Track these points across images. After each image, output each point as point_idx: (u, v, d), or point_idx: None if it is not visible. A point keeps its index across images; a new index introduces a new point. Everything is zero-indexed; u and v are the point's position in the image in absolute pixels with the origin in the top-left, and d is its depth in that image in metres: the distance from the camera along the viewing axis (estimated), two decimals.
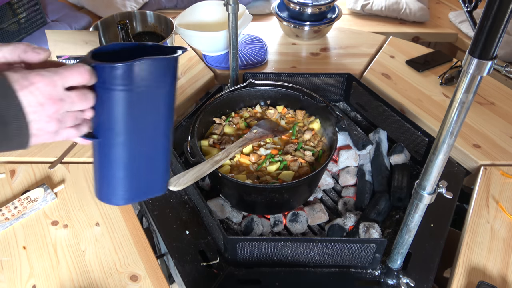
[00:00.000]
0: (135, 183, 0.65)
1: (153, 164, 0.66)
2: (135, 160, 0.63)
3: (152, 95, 0.59)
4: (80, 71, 0.53)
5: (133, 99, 0.57)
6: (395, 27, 2.11)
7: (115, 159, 0.62)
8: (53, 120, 0.52)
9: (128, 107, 0.58)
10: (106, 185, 0.64)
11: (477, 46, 0.52)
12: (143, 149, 0.63)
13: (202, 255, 0.96)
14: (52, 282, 0.89)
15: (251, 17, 1.55)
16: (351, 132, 1.20)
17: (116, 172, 0.62)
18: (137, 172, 0.64)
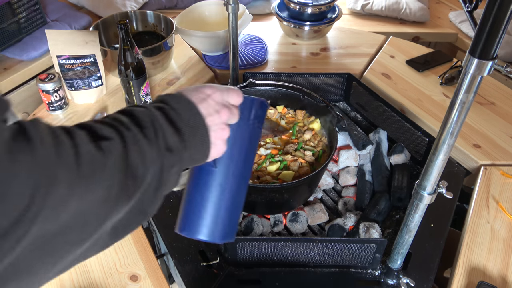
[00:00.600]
0: (230, 220, 0.65)
1: (241, 204, 0.67)
2: (237, 195, 0.65)
3: (257, 133, 0.65)
4: (238, 93, 0.59)
5: (253, 133, 0.64)
6: (395, 27, 2.11)
7: (224, 191, 0.62)
8: (225, 128, 0.57)
9: (249, 141, 0.64)
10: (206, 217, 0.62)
11: (478, 46, 0.52)
12: (242, 187, 0.66)
13: (202, 255, 0.96)
14: (52, 282, 0.89)
15: (251, 17, 1.55)
16: (351, 132, 1.20)
17: (221, 204, 0.62)
18: (236, 208, 0.65)
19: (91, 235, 0.40)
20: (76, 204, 0.37)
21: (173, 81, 1.44)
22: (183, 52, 1.58)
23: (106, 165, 0.40)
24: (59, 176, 0.35)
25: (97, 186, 0.39)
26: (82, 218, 0.38)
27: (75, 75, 1.28)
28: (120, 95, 1.36)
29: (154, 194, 0.48)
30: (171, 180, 0.51)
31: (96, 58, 1.28)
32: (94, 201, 0.39)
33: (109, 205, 0.41)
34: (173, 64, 1.52)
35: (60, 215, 0.36)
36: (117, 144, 0.43)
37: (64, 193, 0.36)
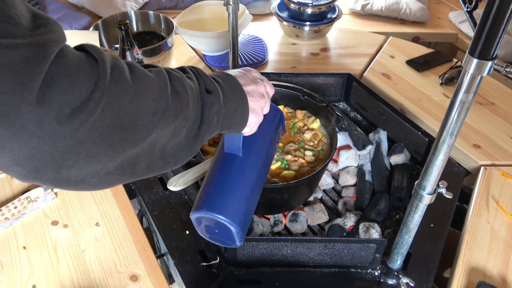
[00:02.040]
0: (248, 212, 0.69)
1: (256, 202, 0.71)
2: (256, 190, 0.71)
3: (276, 138, 0.78)
4: (271, 85, 0.71)
5: (274, 136, 0.76)
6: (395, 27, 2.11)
7: (248, 180, 0.68)
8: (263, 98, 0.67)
9: (270, 142, 0.74)
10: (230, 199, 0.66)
11: (477, 46, 0.52)
12: (261, 184, 0.72)
13: (202, 255, 0.96)
14: (52, 282, 0.89)
15: (251, 17, 1.55)
16: (351, 132, 1.20)
17: (244, 191, 0.67)
18: (253, 203, 0.71)
19: (143, 139, 0.46)
20: (129, 105, 0.44)
21: None
22: (183, 52, 1.58)
23: (154, 83, 0.47)
24: (115, 78, 0.43)
25: (147, 96, 0.46)
26: (134, 119, 0.44)
27: None
28: None
29: (197, 130, 0.54)
30: (212, 120, 0.57)
31: None
32: (144, 108, 0.46)
33: (157, 116, 0.47)
34: (173, 64, 1.52)
35: (116, 108, 0.42)
36: (163, 72, 0.51)
37: (119, 92, 0.43)
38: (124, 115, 0.43)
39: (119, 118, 0.43)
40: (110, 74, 0.42)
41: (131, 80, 0.44)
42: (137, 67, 0.47)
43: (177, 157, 0.53)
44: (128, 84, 0.44)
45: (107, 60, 0.43)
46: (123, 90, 0.43)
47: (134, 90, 0.44)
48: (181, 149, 0.53)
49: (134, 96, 0.44)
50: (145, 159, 0.49)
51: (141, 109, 0.45)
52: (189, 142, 0.54)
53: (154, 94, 0.47)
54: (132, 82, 0.44)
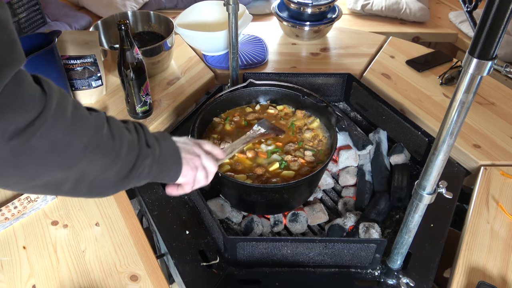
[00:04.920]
0: None
1: None
2: None
3: None
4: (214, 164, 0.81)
5: None
6: (395, 27, 2.11)
7: None
8: (198, 160, 0.77)
9: None
10: None
11: (477, 46, 0.52)
12: None
13: (202, 255, 0.96)
14: (52, 282, 0.89)
15: (251, 17, 1.55)
16: (351, 132, 1.20)
17: None
18: None
19: (71, 166, 0.54)
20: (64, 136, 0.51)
21: (173, 81, 1.44)
22: (183, 52, 1.58)
23: (90, 123, 0.56)
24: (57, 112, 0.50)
25: (81, 132, 0.54)
26: (66, 147, 0.52)
27: (75, 75, 1.28)
28: (120, 95, 1.36)
29: (127, 173, 0.61)
30: (143, 170, 0.64)
31: (96, 58, 1.28)
32: (77, 141, 0.53)
33: (87, 150, 0.54)
34: (173, 64, 1.52)
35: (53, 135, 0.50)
36: (102, 117, 0.59)
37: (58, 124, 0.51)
38: (58, 142, 0.51)
39: (54, 144, 0.50)
40: (54, 109, 0.50)
41: (71, 117, 0.52)
42: (80, 108, 0.55)
43: (102, 190, 0.61)
44: (67, 119, 0.52)
45: (54, 96, 0.50)
46: (61, 123, 0.51)
47: (70, 125, 0.52)
48: (109, 185, 0.61)
49: (70, 130, 0.52)
50: (70, 184, 0.56)
51: (74, 141, 0.53)
52: (117, 181, 0.61)
53: (89, 132, 0.55)
54: (71, 118, 0.52)
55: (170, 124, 1.32)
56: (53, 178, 0.54)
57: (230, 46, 1.25)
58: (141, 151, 0.63)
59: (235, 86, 1.19)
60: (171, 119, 1.33)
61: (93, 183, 0.58)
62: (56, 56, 1.16)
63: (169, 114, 1.31)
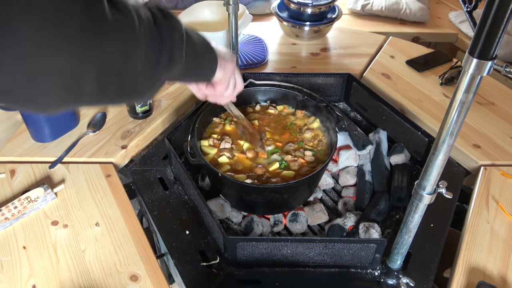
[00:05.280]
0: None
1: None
2: None
3: None
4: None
5: None
6: (395, 27, 2.12)
7: None
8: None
9: None
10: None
11: (477, 46, 0.52)
12: None
13: (202, 255, 0.96)
14: (52, 282, 0.89)
15: (251, 17, 1.55)
16: (351, 132, 1.20)
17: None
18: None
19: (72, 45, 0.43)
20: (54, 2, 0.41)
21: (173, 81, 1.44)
22: None
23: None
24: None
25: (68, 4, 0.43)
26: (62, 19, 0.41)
27: None
28: None
29: (156, 58, 0.51)
30: (174, 49, 0.54)
31: None
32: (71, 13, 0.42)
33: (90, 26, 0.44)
34: None
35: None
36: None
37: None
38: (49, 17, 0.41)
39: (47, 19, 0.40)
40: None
41: None
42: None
43: (135, 86, 0.50)
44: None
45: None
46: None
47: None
48: (139, 77, 0.50)
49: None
50: (92, 79, 0.45)
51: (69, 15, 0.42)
52: (146, 71, 0.51)
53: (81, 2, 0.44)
54: None
55: (170, 124, 1.32)
56: (63, 67, 0.43)
57: (230, 46, 1.25)
58: (163, 24, 0.52)
59: None
60: (171, 119, 1.33)
61: (120, 74, 0.48)
62: None
63: (169, 114, 1.31)
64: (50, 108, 0.47)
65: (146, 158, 1.18)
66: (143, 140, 1.24)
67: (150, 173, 1.14)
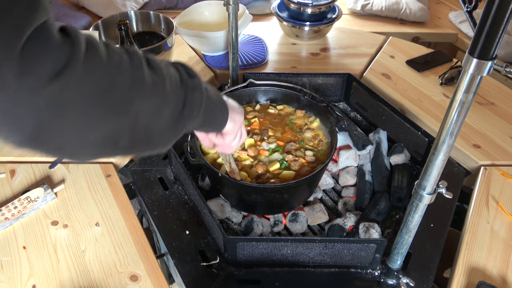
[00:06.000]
0: None
1: None
2: None
3: None
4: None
5: None
6: (395, 27, 2.11)
7: None
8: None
9: None
10: None
11: (477, 46, 0.52)
12: None
13: (202, 255, 0.96)
14: (52, 282, 0.89)
15: (251, 17, 1.55)
16: (351, 132, 1.20)
17: None
18: None
19: (122, 112, 0.48)
20: (104, 78, 0.45)
21: None
22: (183, 52, 1.58)
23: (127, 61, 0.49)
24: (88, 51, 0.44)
25: (122, 71, 0.47)
26: (111, 88, 0.46)
27: None
28: None
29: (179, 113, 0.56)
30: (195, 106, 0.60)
31: None
32: (120, 82, 0.47)
33: (133, 91, 0.48)
34: None
35: (92, 75, 0.44)
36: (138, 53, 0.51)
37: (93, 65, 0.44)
38: (101, 84, 0.45)
39: (95, 87, 0.44)
40: (84, 52, 0.43)
41: (106, 55, 0.46)
42: (112, 46, 0.48)
43: (160, 136, 0.55)
44: (102, 58, 0.45)
45: (82, 39, 0.44)
46: (97, 64, 0.45)
47: (107, 64, 0.46)
48: (165, 128, 0.55)
49: (108, 69, 0.46)
50: (127, 135, 0.50)
51: (117, 81, 0.46)
52: (171, 124, 0.56)
53: (129, 68, 0.48)
54: (107, 57, 0.46)
55: None
56: (108, 131, 0.48)
57: (230, 46, 1.25)
58: (188, 82, 0.58)
59: (235, 86, 1.19)
60: None
61: (149, 128, 0.52)
62: None
63: None
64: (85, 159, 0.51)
65: (146, 158, 1.18)
66: None
67: (150, 173, 1.14)
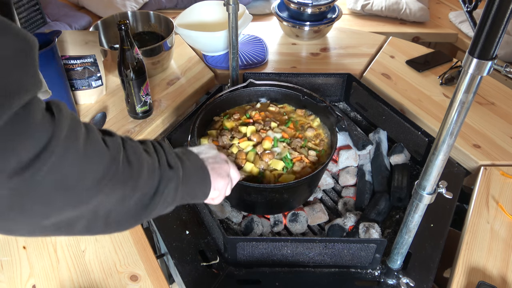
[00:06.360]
0: None
1: None
2: None
3: None
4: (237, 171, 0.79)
5: None
6: (395, 27, 2.11)
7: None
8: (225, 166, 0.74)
9: None
10: None
11: (477, 46, 0.52)
12: None
13: (202, 255, 0.96)
14: (52, 282, 0.89)
15: (251, 17, 1.55)
16: (351, 132, 1.20)
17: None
18: None
19: (85, 202, 0.46)
20: (75, 168, 0.44)
21: (173, 81, 1.44)
22: (183, 52, 1.58)
23: (105, 151, 0.48)
24: (67, 140, 0.43)
25: (95, 162, 0.46)
26: (78, 181, 0.45)
27: (75, 75, 1.28)
28: (120, 95, 1.36)
29: (148, 201, 0.54)
30: (167, 196, 0.57)
31: (96, 58, 1.28)
32: (91, 172, 0.46)
33: (103, 182, 0.47)
34: (173, 64, 1.52)
35: (62, 168, 0.43)
36: (118, 142, 0.51)
37: (69, 154, 0.43)
38: (69, 176, 0.44)
39: (64, 179, 0.43)
40: (64, 137, 0.43)
41: (83, 146, 0.45)
42: (93, 134, 0.48)
43: (120, 224, 0.53)
44: (78, 148, 0.44)
45: (64, 122, 0.43)
46: (73, 153, 0.44)
47: (83, 155, 0.45)
48: (127, 217, 0.53)
49: (83, 161, 0.45)
50: (84, 221, 0.48)
51: (87, 173, 0.45)
52: (137, 212, 0.53)
53: (103, 160, 0.47)
54: (84, 147, 0.45)
55: (170, 124, 1.32)
56: (63, 218, 0.46)
57: (230, 46, 1.25)
58: (164, 174, 0.56)
59: (235, 86, 1.19)
60: (171, 119, 1.33)
61: (109, 217, 0.50)
62: (56, 56, 1.16)
63: (169, 114, 1.31)
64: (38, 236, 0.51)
65: None
66: None
67: None
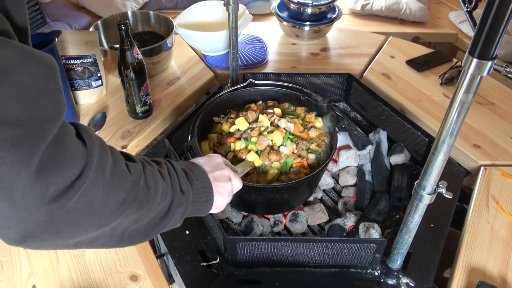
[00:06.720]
0: None
1: None
2: None
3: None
4: (239, 179, 0.81)
5: None
6: (395, 27, 2.11)
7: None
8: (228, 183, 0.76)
9: None
10: None
11: (477, 46, 0.52)
12: None
13: (202, 255, 0.96)
14: (52, 282, 0.89)
15: (251, 17, 1.55)
16: (351, 132, 1.20)
17: None
18: None
19: (106, 224, 0.51)
20: (102, 194, 0.49)
21: (173, 81, 1.44)
22: (183, 52, 1.58)
23: (128, 178, 0.53)
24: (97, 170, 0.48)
25: (120, 188, 0.51)
26: (103, 206, 0.49)
27: (75, 75, 1.28)
28: (120, 95, 1.36)
29: (159, 221, 0.60)
30: (176, 217, 0.62)
31: (96, 58, 1.28)
32: (115, 198, 0.50)
33: (124, 206, 0.52)
34: (173, 64, 1.52)
35: (91, 195, 0.47)
36: (139, 168, 0.57)
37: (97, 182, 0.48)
38: (96, 202, 0.48)
39: (91, 204, 0.48)
40: (95, 167, 0.47)
41: (110, 174, 0.50)
42: (118, 160, 0.53)
43: (133, 240, 0.58)
44: (106, 176, 0.49)
45: (95, 152, 0.48)
46: (101, 181, 0.48)
47: (109, 182, 0.49)
48: (140, 234, 0.58)
49: (109, 187, 0.49)
50: (103, 239, 0.53)
51: (111, 199, 0.50)
52: (148, 230, 0.59)
53: (126, 187, 0.52)
54: (110, 174, 0.50)
55: (170, 124, 1.32)
56: (86, 237, 0.51)
57: (230, 46, 1.25)
58: (175, 198, 0.62)
59: (235, 86, 1.19)
60: (171, 119, 1.33)
61: (124, 235, 0.55)
62: (56, 56, 1.16)
63: (169, 114, 1.31)
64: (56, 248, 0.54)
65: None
66: (143, 140, 1.24)
67: None
